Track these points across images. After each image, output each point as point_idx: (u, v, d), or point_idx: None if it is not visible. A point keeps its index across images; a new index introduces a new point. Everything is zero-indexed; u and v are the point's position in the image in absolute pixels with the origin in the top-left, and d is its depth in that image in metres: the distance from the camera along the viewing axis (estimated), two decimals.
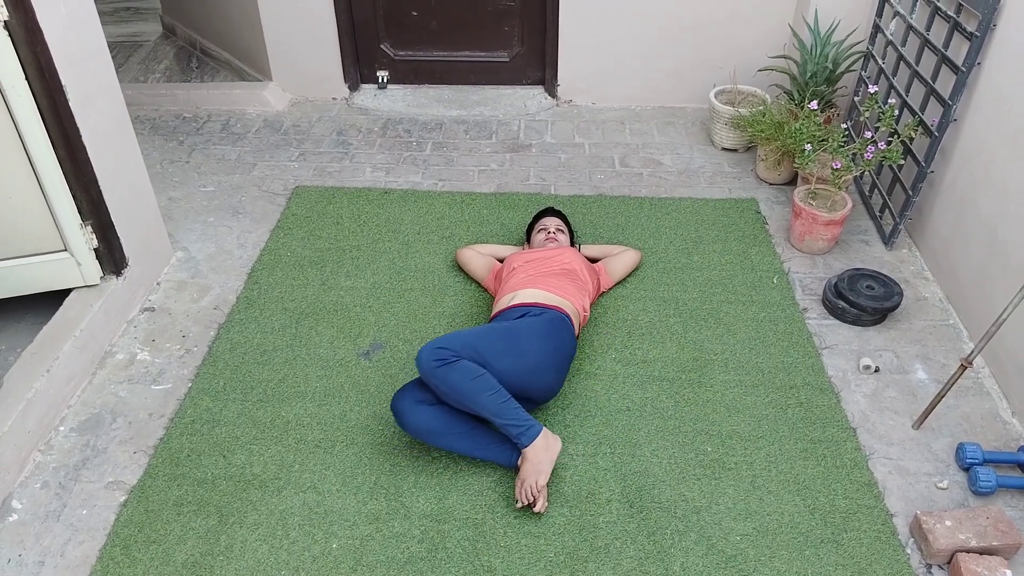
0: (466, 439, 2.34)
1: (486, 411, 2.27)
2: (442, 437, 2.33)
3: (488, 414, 2.27)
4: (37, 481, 2.38)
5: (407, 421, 2.31)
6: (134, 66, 5.05)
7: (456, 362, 2.26)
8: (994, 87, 2.83)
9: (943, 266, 3.13)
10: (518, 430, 2.27)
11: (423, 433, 2.32)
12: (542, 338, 2.49)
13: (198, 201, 3.70)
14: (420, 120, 4.43)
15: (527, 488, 2.23)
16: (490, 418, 2.28)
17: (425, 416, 2.31)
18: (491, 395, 2.27)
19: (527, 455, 2.26)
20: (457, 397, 2.27)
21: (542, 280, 2.76)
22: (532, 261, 2.90)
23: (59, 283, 2.80)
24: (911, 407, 2.62)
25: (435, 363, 2.25)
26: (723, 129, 4.04)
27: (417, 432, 2.32)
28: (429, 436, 2.33)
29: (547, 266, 2.86)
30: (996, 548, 2.11)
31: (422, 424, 2.31)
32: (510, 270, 2.89)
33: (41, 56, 2.41)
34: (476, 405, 2.26)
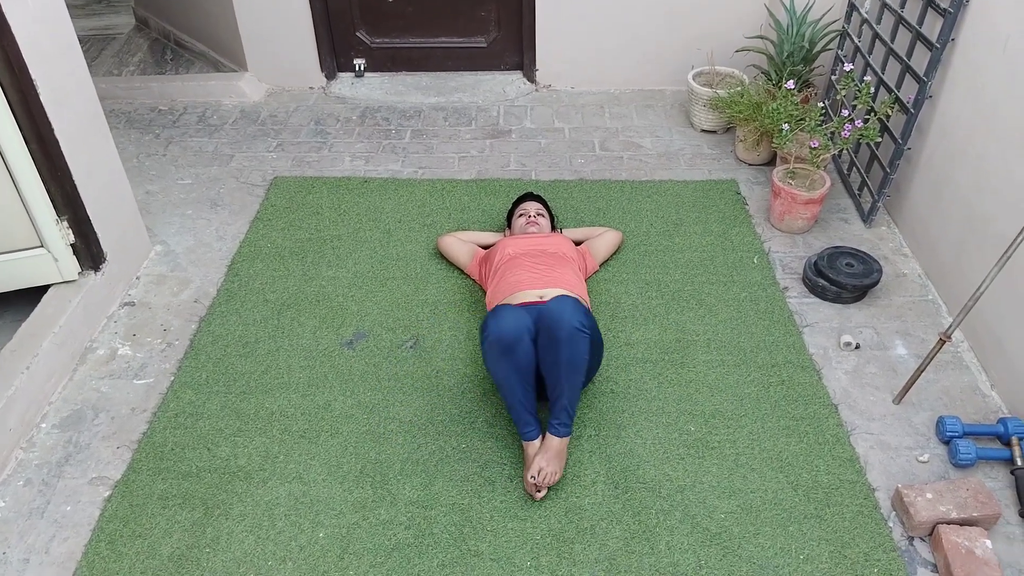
0: (524, 391, 2.32)
1: (570, 390, 2.29)
2: (516, 371, 2.30)
3: (566, 393, 2.28)
4: (20, 479, 2.36)
5: (509, 330, 2.28)
6: (107, 59, 4.99)
7: (587, 336, 2.29)
8: (968, 63, 2.84)
9: (921, 242, 3.15)
10: (568, 420, 2.30)
11: (513, 352, 2.28)
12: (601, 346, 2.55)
13: (176, 194, 3.67)
14: (398, 108, 4.41)
15: (547, 473, 2.24)
16: (563, 397, 2.28)
17: (525, 345, 2.30)
18: (582, 381, 2.34)
19: (553, 443, 2.29)
20: (566, 364, 2.27)
21: (557, 277, 2.72)
22: (531, 251, 2.86)
23: (36, 279, 2.77)
24: (891, 382, 2.64)
25: (578, 326, 2.26)
26: (702, 111, 4.05)
27: (510, 347, 2.28)
28: (509, 358, 2.29)
29: (549, 258, 2.82)
30: (976, 519, 2.14)
31: (520, 348, 2.29)
32: (506, 257, 2.86)
33: (9, 51, 2.38)
34: (569, 381, 2.28)
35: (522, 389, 2.31)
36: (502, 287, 2.73)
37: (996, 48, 2.67)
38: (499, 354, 2.29)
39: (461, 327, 2.88)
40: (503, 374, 2.31)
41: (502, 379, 2.32)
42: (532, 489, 2.26)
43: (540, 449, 2.29)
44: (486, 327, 2.32)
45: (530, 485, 2.25)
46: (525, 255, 2.84)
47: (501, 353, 2.29)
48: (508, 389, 2.32)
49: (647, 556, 2.13)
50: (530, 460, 2.29)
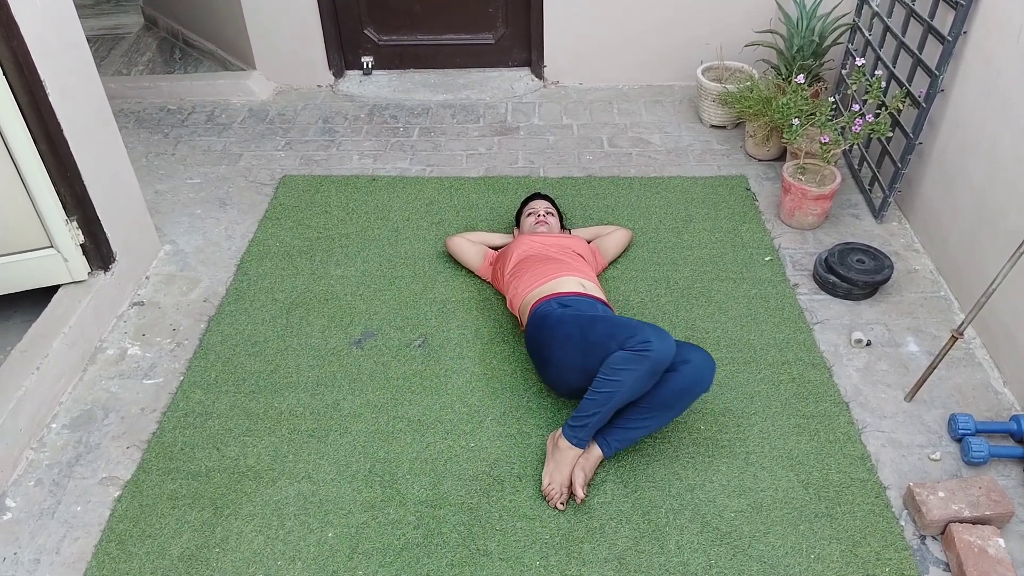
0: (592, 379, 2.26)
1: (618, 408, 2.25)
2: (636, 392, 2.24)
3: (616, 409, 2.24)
4: (31, 479, 2.37)
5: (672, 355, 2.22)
6: (116, 59, 5.00)
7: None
8: (980, 56, 2.81)
9: (933, 238, 3.12)
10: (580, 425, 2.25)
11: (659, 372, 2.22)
12: None
13: (185, 193, 3.68)
14: (406, 105, 4.40)
15: (581, 482, 2.23)
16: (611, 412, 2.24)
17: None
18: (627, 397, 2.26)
19: (594, 452, 2.29)
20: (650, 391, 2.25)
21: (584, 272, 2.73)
22: (551, 245, 2.87)
23: (46, 280, 2.78)
24: (903, 380, 2.62)
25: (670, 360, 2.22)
26: (711, 106, 4.02)
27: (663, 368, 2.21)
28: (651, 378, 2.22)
29: (571, 253, 2.83)
30: (989, 518, 2.12)
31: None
32: (528, 254, 2.83)
33: (18, 50, 2.38)
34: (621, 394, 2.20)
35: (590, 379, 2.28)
36: (533, 279, 2.68)
37: (1009, 41, 2.64)
38: (654, 368, 2.20)
39: (470, 326, 2.87)
40: (628, 388, 2.21)
41: (621, 391, 2.20)
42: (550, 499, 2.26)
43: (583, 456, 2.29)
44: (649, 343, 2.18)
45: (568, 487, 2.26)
46: (549, 247, 2.85)
47: (661, 370, 2.22)
48: (617, 400, 2.22)
49: (657, 555, 2.12)
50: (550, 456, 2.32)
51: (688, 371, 2.25)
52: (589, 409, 2.22)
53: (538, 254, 2.82)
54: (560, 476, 2.24)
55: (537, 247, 2.87)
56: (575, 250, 2.90)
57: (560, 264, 2.73)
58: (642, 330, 2.22)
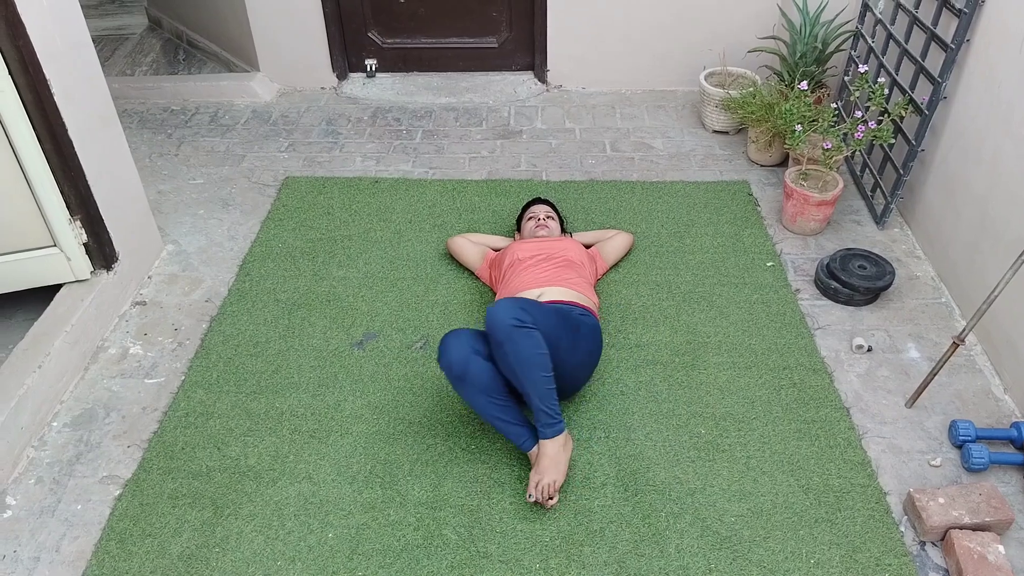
0: (498, 407, 2.27)
1: (534, 388, 2.20)
2: (479, 393, 2.25)
3: (533, 392, 2.21)
4: (31, 477, 2.38)
5: (457, 360, 2.23)
6: (120, 59, 5.02)
7: (532, 330, 2.21)
8: (983, 64, 2.82)
9: (935, 244, 3.13)
10: (550, 420, 2.23)
11: (465, 379, 2.24)
12: (591, 340, 2.50)
13: (188, 194, 3.69)
14: (409, 108, 4.41)
15: (544, 486, 2.19)
16: (532, 396, 2.21)
17: (476, 366, 2.24)
18: (545, 376, 2.22)
19: (546, 449, 2.23)
20: (516, 364, 2.19)
21: (559, 278, 2.71)
22: (538, 255, 2.85)
23: (49, 278, 2.79)
24: (904, 386, 2.62)
25: (514, 322, 2.19)
26: (713, 111, 4.03)
27: (461, 376, 2.24)
28: (468, 386, 2.25)
29: (556, 261, 2.81)
30: (989, 524, 2.12)
31: (471, 371, 2.23)
32: (514, 260, 2.85)
33: (24, 50, 2.39)
34: (528, 378, 2.19)
35: (495, 407, 2.27)
36: (508, 290, 2.74)
37: (1012, 49, 2.64)
38: (456, 383, 2.26)
39: (471, 328, 2.87)
40: (470, 399, 2.28)
41: (472, 404, 2.29)
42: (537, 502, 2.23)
43: (536, 460, 2.25)
44: (438, 359, 2.29)
45: (535, 502, 2.23)
46: (532, 258, 2.84)
47: (457, 381, 2.26)
48: (481, 411, 2.28)
49: (657, 559, 2.12)
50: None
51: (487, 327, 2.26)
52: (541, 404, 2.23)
53: (524, 261, 2.83)
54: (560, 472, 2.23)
55: (527, 253, 2.87)
56: (566, 255, 2.87)
57: (536, 273, 2.73)
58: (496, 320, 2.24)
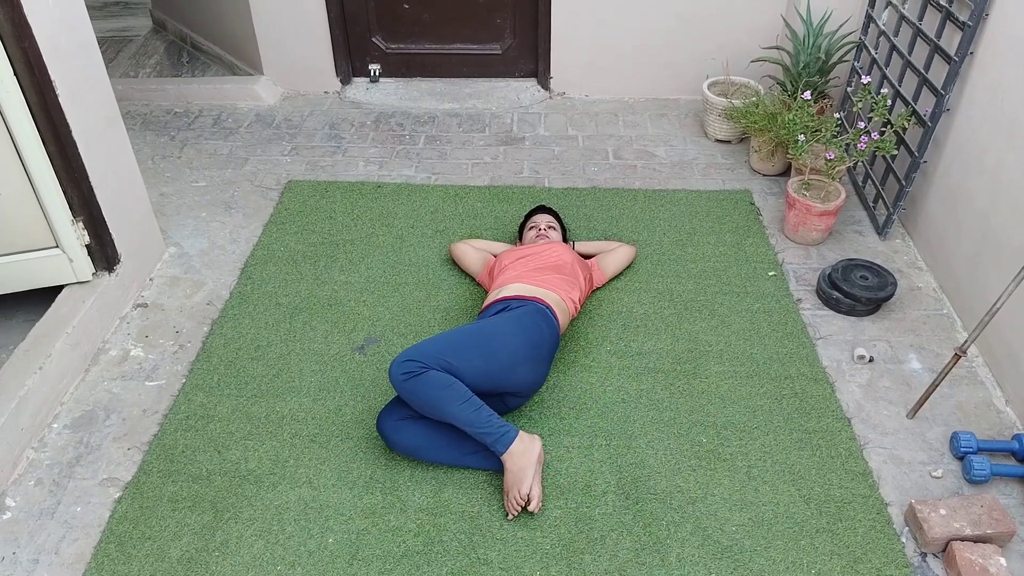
0: (451, 449, 2.33)
1: (458, 421, 2.23)
2: (427, 451, 2.34)
3: (461, 423, 2.23)
4: (31, 478, 2.37)
5: (393, 442, 2.35)
6: (124, 61, 5.02)
7: (423, 373, 2.22)
8: (987, 77, 2.83)
9: (937, 256, 3.13)
10: (492, 438, 2.24)
11: (410, 451, 2.35)
12: (515, 333, 2.47)
13: (190, 196, 3.69)
14: (413, 113, 4.41)
15: (512, 499, 2.21)
16: (464, 427, 2.24)
17: (407, 434, 2.32)
18: (461, 404, 2.23)
19: (505, 463, 2.24)
20: (429, 409, 2.25)
21: (528, 275, 2.75)
22: (522, 258, 2.88)
23: (51, 280, 2.78)
24: (905, 397, 2.62)
25: (403, 376, 2.22)
26: (716, 120, 4.04)
27: (405, 451, 2.36)
28: (416, 453, 2.35)
29: (535, 261, 2.85)
30: (990, 536, 2.12)
31: (407, 442, 2.33)
32: (501, 267, 2.88)
33: (29, 51, 2.39)
34: (448, 415, 2.23)
35: (450, 451, 2.35)
36: (488, 296, 2.78)
37: (1016, 62, 2.65)
38: (414, 457, 2.38)
39: None
40: (431, 460, 2.38)
41: (437, 462, 2.38)
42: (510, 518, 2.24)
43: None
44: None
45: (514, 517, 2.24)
46: (513, 261, 2.86)
47: (413, 456, 2.38)
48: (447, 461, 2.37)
49: (657, 568, 2.12)
50: None
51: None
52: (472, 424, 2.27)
53: (506, 267, 2.84)
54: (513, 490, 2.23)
55: (512, 258, 2.89)
56: (551, 258, 2.86)
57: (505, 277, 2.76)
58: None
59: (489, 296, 2.75)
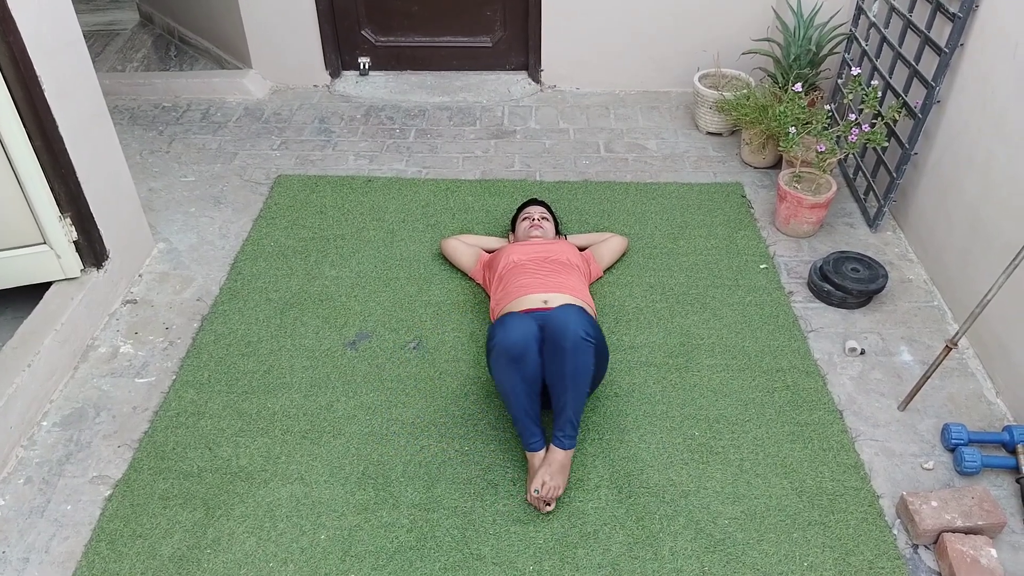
0: (530, 401, 2.28)
1: (575, 401, 2.24)
2: (523, 381, 2.26)
3: (571, 404, 2.24)
4: (20, 477, 2.35)
5: (517, 341, 2.25)
6: (111, 55, 4.98)
7: (592, 346, 2.26)
8: (977, 68, 2.83)
9: (928, 248, 3.14)
10: (573, 432, 2.27)
11: (520, 361, 2.25)
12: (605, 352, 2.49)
13: (179, 191, 3.66)
14: (403, 107, 4.39)
15: (551, 487, 2.20)
16: (568, 408, 2.24)
17: (532, 354, 2.27)
18: (587, 392, 2.29)
19: (558, 456, 2.25)
20: (571, 375, 2.23)
21: (560, 283, 2.70)
22: (534, 257, 2.85)
23: (39, 276, 2.76)
24: (896, 389, 2.63)
25: (584, 336, 2.23)
26: (707, 113, 4.03)
27: (518, 356, 2.25)
28: (516, 368, 2.25)
29: (553, 264, 2.81)
30: (981, 528, 2.13)
31: (528, 357, 2.26)
32: (510, 264, 2.83)
33: (14, 46, 2.37)
34: (574, 391, 2.24)
35: (528, 399, 2.28)
36: (507, 293, 2.71)
37: (1006, 53, 2.65)
38: (506, 364, 2.26)
39: (464, 328, 2.86)
40: (509, 384, 2.28)
41: (508, 389, 2.29)
42: (537, 503, 2.23)
43: (544, 462, 2.26)
44: (493, 336, 2.30)
45: (534, 499, 2.22)
46: (530, 261, 2.82)
47: (508, 363, 2.26)
48: (513, 399, 2.29)
49: (650, 562, 2.12)
50: (534, 471, 2.26)
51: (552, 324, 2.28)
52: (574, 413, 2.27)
53: (521, 264, 2.81)
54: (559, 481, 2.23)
55: (524, 256, 2.86)
56: (562, 258, 2.86)
57: (537, 278, 2.72)
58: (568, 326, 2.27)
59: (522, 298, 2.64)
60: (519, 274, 2.76)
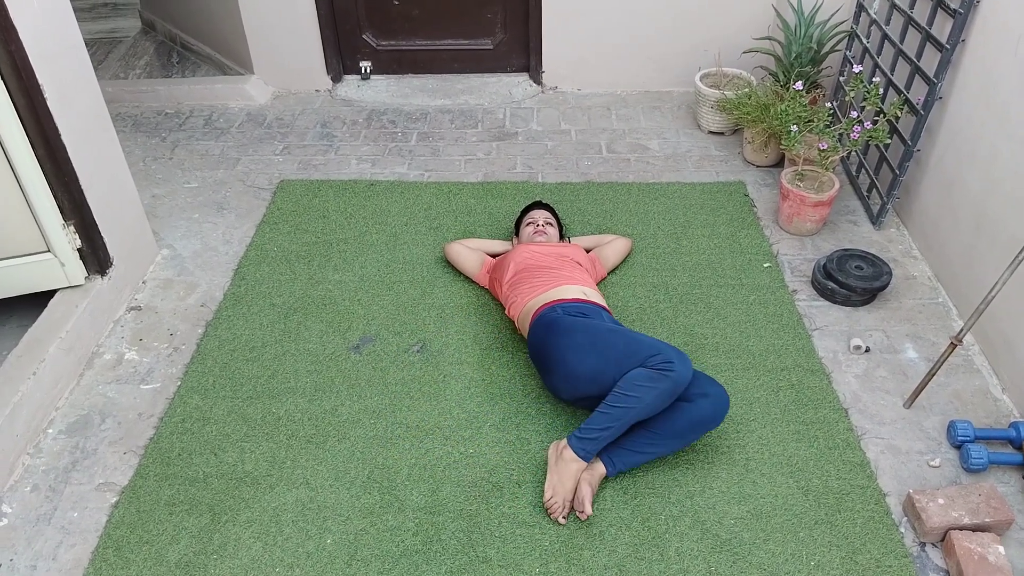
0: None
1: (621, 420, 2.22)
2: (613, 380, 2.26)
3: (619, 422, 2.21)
4: (27, 484, 2.36)
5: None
6: (114, 63, 4.99)
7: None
8: (979, 64, 2.82)
9: (931, 244, 3.13)
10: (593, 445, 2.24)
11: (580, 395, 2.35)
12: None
13: (182, 198, 3.67)
14: (405, 110, 4.40)
15: (589, 498, 2.20)
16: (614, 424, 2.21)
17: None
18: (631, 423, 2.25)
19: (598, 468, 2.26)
20: (644, 406, 2.21)
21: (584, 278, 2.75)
22: (550, 254, 2.85)
23: (43, 284, 2.77)
24: (902, 386, 2.62)
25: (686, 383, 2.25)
26: (709, 112, 4.03)
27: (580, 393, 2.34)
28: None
29: (567, 260, 2.83)
30: (989, 525, 2.12)
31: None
32: (522, 266, 2.80)
33: (16, 54, 2.37)
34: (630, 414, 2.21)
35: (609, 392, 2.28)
36: (535, 286, 2.67)
37: (1007, 49, 2.64)
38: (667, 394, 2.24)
39: (468, 331, 2.86)
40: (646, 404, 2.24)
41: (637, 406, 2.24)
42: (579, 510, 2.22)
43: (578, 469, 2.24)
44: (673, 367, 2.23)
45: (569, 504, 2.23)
46: (547, 256, 2.84)
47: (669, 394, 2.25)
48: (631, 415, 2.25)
49: (657, 563, 2.11)
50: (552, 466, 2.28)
51: (706, 405, 2.27)
52: (601, 423, 2.21)
53: (536, 264, 2.81)
54: (564, 489, 2.21)
55: (535, 257, 2.85)
56: (573, 259, 2.89)
57: (559, 273, 2.73)
58: (665, 350, 2.26)
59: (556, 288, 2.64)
60: (540, 270, 2.75)
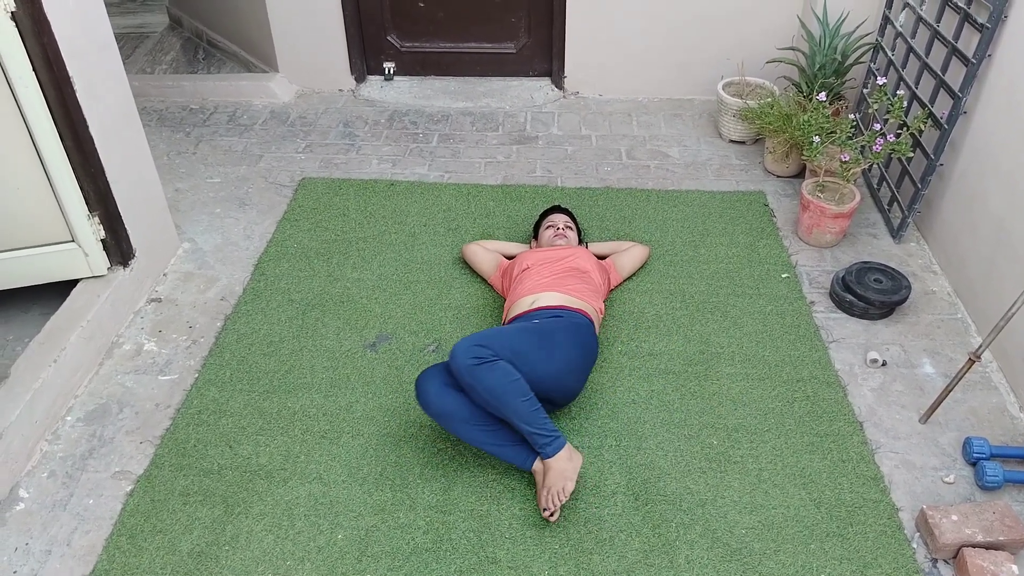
0: (487, 433, 2.27)
1: (516, 416, 2.20)
2: (464, 425, 2.25)
3: (517, 419, 2.20)
4: (44, 470, 2.39)
5: (431, 401, 2.25)
6: (141, 57, 5.05)
7: (495, 362, 2.21)
8: (1005, 79, 2.80)
9: (951, 259, 3.11)
10: (544, 440, 2.22)
11: (445, 416, 2.25)
12: (571, 342, 2.47)
13: (205, 192, 3.71)
14: (426, 112, 4.42)
15: (554, 494, 2.16)
16: (518, 423, 2.21)
17: (452, 400, 2.24)
18: (524, 401, 2.21)
19: (551, 464, 2.22)
20: (489, 398, 2.20)
21: (559, 283, 2.72)
22: (545, 263, 2.85)
23: (66, 274, 2.81)
24: (918, 401, 2.61)
25: (473, 361, 2.19)
26: (731, 121, 4.02)
27: (440, 414, 2.26)
28: (451, 421, 2.25)
29: (561, 267, 2.82)
30: (1003, 543, 2.10)
31: (448, 407, 2.24)
32: (522, 269, 2.86)
33: (48, 47, 2.41)
34: (507, 408, 2.20)
35: (484, 433, 2.27)
36: (511, 300, 2.75)
37: None
38: (439, 420, 2.28)
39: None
40: (458, 433, 2.28)
41: (463, 437, 2.29)
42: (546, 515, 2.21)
43: (543, 474, 2.23)
44: (417, 401, 2.30)
45: (550, 513, 2.20)
46: (539, 265, 2.84)
47: (439, 419, 2.28)
48: (473, 441, 2.28)
49: (666, 570, 2.11)
50: (538, 487, 2.26)
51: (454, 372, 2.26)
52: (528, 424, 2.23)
53: (530, 269, 2.83)
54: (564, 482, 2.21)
55: (535, 260, 2.87)
56: (575, 264, 2.85)
57: (537, 281, 2.74)
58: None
59: (517, 300, 2.69)
60: (524, 279, 2.79)
